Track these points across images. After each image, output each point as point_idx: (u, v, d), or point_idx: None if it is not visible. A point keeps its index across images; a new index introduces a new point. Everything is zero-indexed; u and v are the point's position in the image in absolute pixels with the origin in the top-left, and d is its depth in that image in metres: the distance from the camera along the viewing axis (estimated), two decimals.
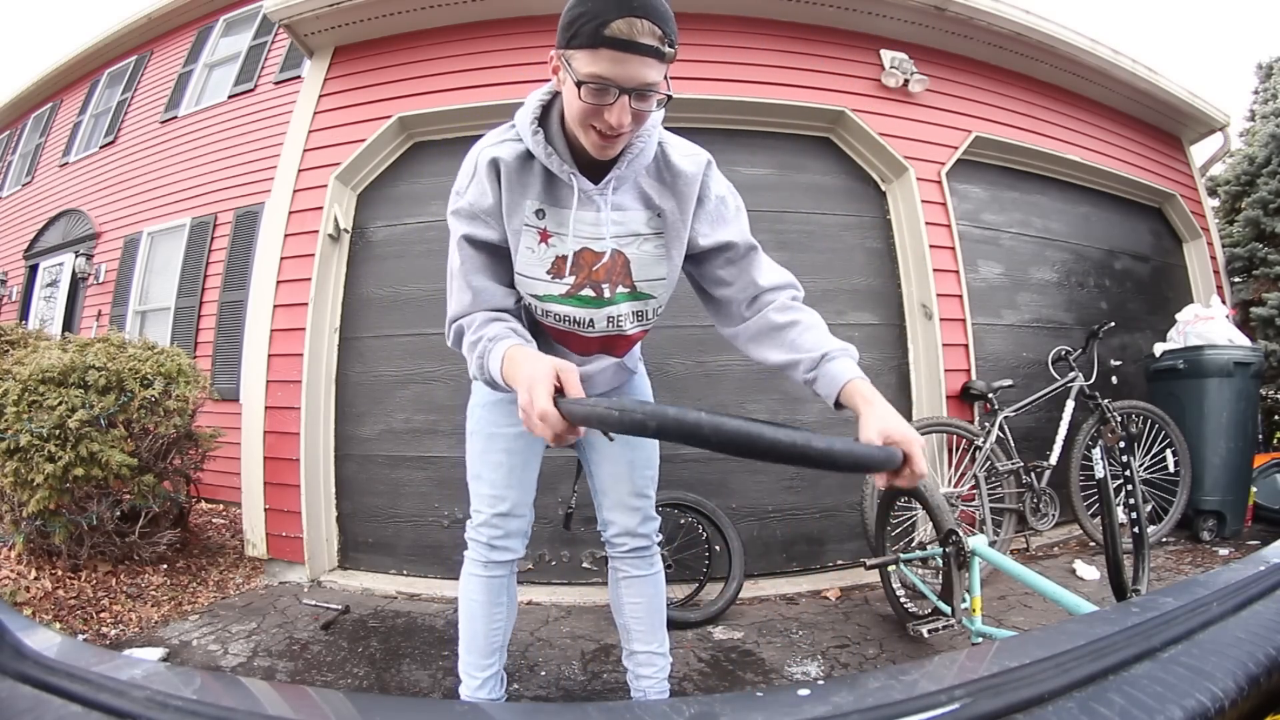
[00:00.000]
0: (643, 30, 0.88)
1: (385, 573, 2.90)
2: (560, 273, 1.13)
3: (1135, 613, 0.45)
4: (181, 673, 0.94)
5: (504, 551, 1.40)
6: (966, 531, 1.74)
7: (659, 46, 0.90)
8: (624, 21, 0.87)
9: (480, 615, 1.44)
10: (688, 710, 0.38)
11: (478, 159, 1.10)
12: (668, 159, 1.13)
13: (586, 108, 0.94)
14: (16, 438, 2.40)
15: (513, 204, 1.10)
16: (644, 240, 1.14)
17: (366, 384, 3.04)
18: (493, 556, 1.40)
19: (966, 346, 3.15)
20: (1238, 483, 3.14)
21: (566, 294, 1.15)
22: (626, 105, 0.93)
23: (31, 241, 6.93)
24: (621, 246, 1.13)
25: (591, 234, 1.11)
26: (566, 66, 0.94)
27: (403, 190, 3.19)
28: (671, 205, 1.14)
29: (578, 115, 0.97)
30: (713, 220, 1.16)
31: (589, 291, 1.15)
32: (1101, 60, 3.72)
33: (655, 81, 0.93)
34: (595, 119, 0.95)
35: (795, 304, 1.15)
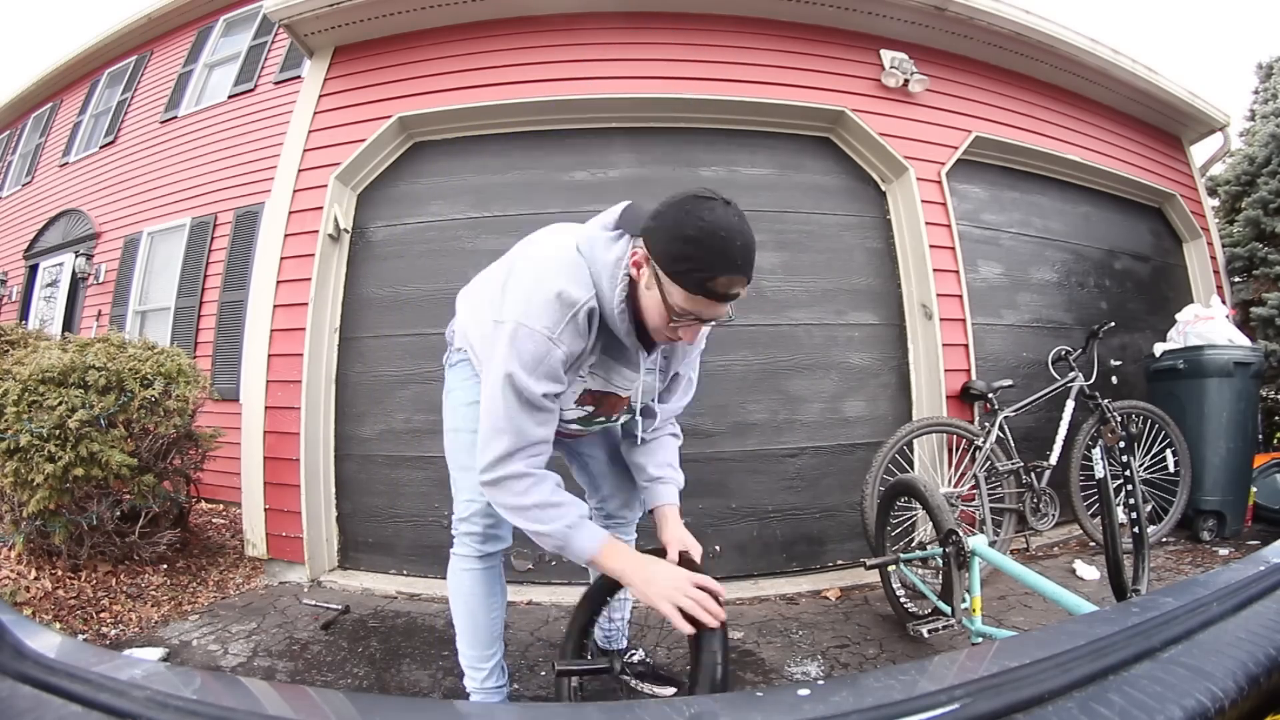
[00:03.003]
0: (737, 284, 1.03)
1: (385, 573, 2.90)
2: (584, 401, 1.29)
3: (1135, 613, 0.45)
4: (181, 673, 0.94)
5: (495, 541, 1.45)
6: (966, 531, 1.74)
7: (743, 293, 1.05)
8: (727, 278, 1.01)
9: (480, 608, 1.47)
10: (688, 710, 0.38)
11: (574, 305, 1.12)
12: None
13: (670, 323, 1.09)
14: (16, 438, 2.40)
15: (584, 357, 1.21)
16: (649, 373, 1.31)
17: (366, 384, 3.04)
18: (486, 548, 1.45)
19: (966, 346, 3.15)
20: (1238, 483, 3.14)
21: (584, 419, 1.33)
22: (700, 327, 1.12)
23: (31, 241, 6.93)
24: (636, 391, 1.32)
25: (625, 386, 1.30)
26: (658, 283, 1.06)
27: (403, 190, 3.19)
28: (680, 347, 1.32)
29: (658, 321, 1.11)
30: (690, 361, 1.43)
31: (601, 419, 1.37)
32: (1101, 60, 3.72)
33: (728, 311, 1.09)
34: (672, 331, 1.11)
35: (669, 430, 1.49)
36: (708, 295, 1.02)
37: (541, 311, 1.11)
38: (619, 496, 1.65)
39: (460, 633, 1.50)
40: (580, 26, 3.14)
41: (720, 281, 1.01)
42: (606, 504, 1.67)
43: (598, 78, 3.05)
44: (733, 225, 1.00)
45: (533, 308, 1.12)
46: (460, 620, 1.49)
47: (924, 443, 2.95)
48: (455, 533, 1.47)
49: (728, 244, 1.00)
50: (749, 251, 1.02)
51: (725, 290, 1.02)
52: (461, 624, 1.49)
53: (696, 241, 1.00)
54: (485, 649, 1.49)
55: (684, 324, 1.09)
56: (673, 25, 3.17)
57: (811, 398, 2.99)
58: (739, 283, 1.03)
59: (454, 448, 1.45)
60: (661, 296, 1.06)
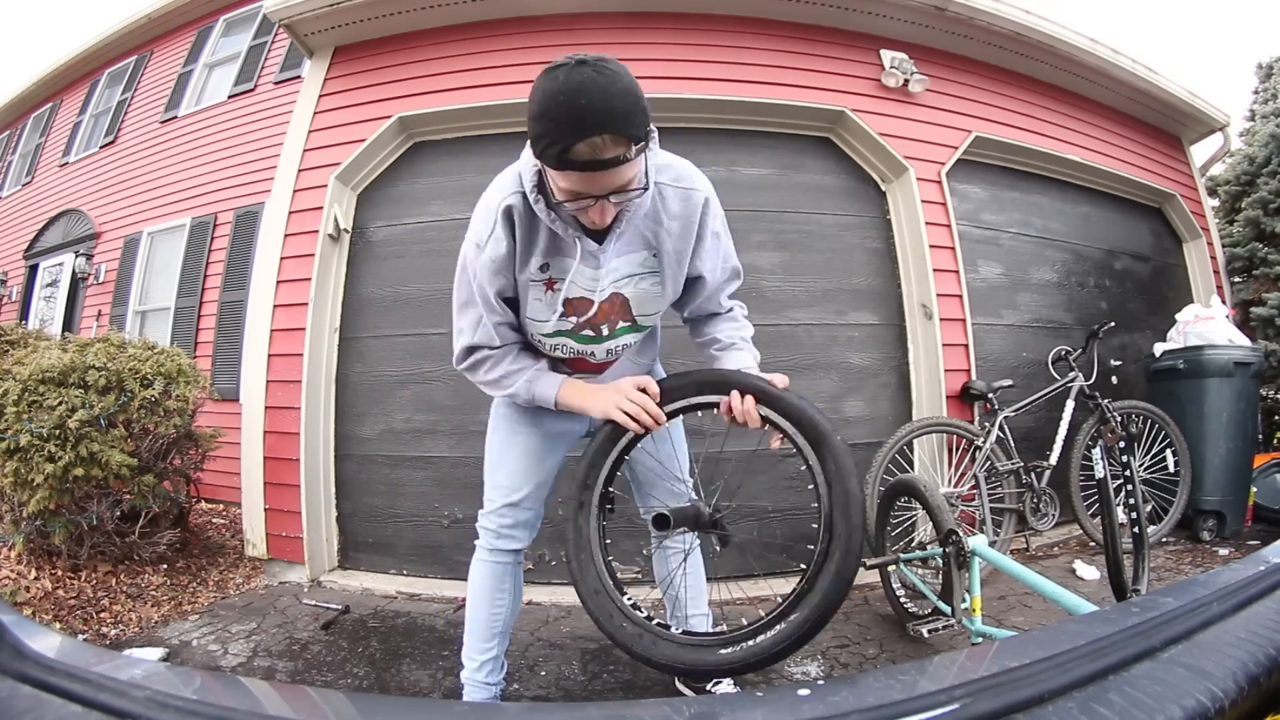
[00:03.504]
0: (605, 145, 0.90)
1: (385, 573, 2.90)
2: (567, 313, 1.24)
3: (1135, 613, 0.45)
4: (181, 673, 0.94)
5: (509, 540, 1.46)
6: (966, 531, 1.74)
7: (623, 154, 0.92)
8: (585, 144, 0.90)
9: (483, 600, 1.49)
10: (688, 710, 0.38)
11: (495, 208, 1.14)
12: (664, 200, 1.18)
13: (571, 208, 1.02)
14: (16, 438, 2.40)
15: (524, 255, 1.17)
16: (640, 279, 1.24)
17: (366, 384, 3.04)
18: (498, 544, 1.47)
19: (966, 346, 3.15)
20: (1238, 483, 3.14)
21: (572, 331, 1.27)
22: (606, 206, 1.01)
23: (31, 241, 6.93)
24: (619, 288, 1.23)
25: (591, 285, 1.21)
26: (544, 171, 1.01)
27: (403, 190, 3.19)
28: (669, 244, 1.21)
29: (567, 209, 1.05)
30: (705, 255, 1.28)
31: (589, 331, 1.28)
32: (1101, 60, 3.72)
33: (629, 179, 0.98)
34: (581, 216, 1.05)
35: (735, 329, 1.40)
36: (574, 167, 0.93)
37: (475, 225, 1.18)
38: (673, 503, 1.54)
39: (466, 622, 1.53)
40: (580, 26, 3.14)
41: (578, 150, 0.90)
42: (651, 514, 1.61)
43: None
44: (573, 84, 0.88)
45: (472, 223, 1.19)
46: (468, 610, 1.53)
47: (924, 443, 2.95)
48: (478, 525, 1.51)
49: (569, 106, 0.88)
50: (606, 107, 0.88)
51: (589, 156, 0.91)
52: (468, 613, 1.53)
53: (540, 117, 0.92)
54: (482, 641, 1.50)
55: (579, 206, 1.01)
56: (673, 25, 3.17)
57: (811, 398, 2.98)
58: (605, 144, 0.90)
59: (490, 445, 1.51)
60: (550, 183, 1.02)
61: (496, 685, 1.54)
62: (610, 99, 0.89)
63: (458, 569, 2.85)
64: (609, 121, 0.89)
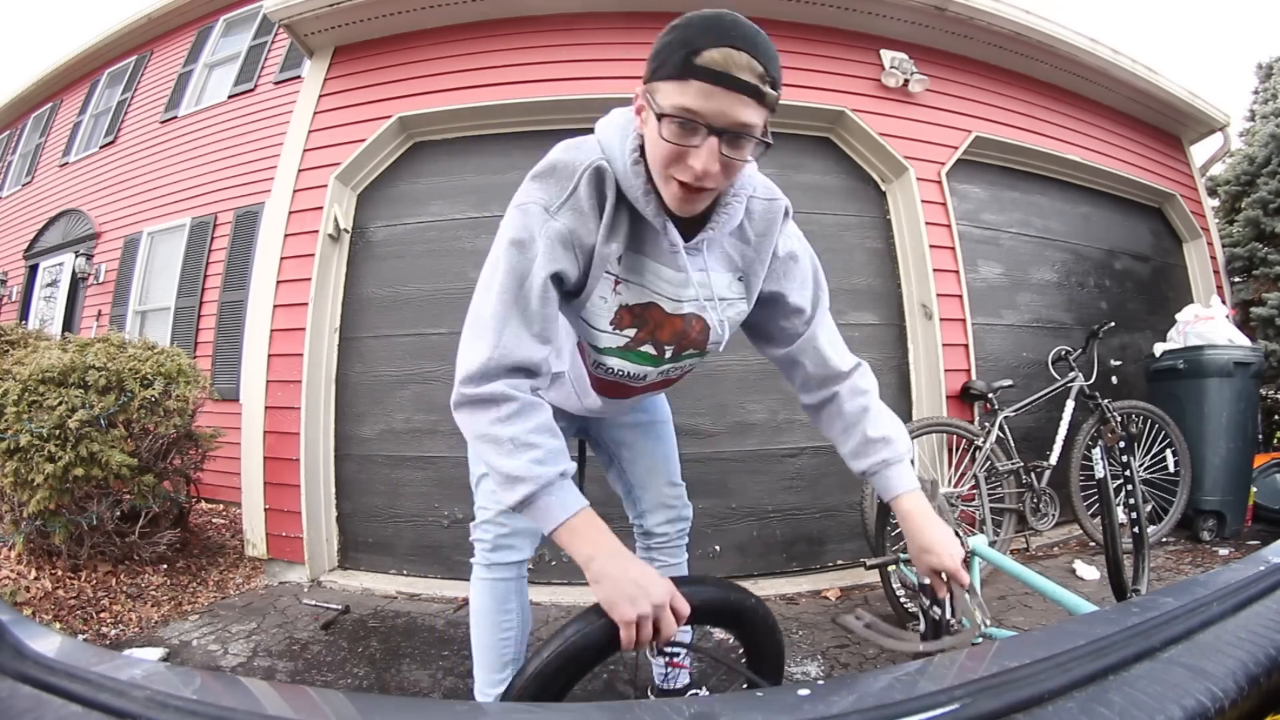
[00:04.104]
0: (741, 64, 0.76)
1: (385, 573, 2.90)
2: (621, 324, 0.99)
3: (1135, 613, 0.45)
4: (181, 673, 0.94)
5: (509, 551, 1.30)
6: (966, 531, 1.74)
7: (758, 85, 0.77)
8: (719, 51, 0.75)
9: (487, 625, 1.31)
10: (688, 710, 0.38)
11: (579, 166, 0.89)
12: (751, 216, 0.99)
13: (669, 150, 0.80)
14: (16, 438, 2.40)
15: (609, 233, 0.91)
16: (728, 306, 1.02)
17: (366, 384, 3.04)
18: (495, 558, 1.30)
19: (966, 346, 3.15)
20: (1238, 483, 3.14)
21: (626, 347, 1.03)
22: (715, 150, 0.79)
23: (31, 241, 6.93)
24: (704, 312, 1.02)
25: (670, 293, 0.98)
26: (650, 102, 0.81)
27: (403, 190, 3.19)
28: (752, 264, 1.03)
29: (660, 160, 0.83)
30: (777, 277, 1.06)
31: (649, 348, 1.04)
32: (1101, 60, 3.72)
33: (751, 124, 0.79)
34: (678, 165, 0.81)
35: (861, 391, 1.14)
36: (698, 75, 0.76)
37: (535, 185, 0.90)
38: (663, 511, 1.44)
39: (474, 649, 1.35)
40: (580, 26, 3.14)
41: (711, 55, 0.75)
42: (645, 519, 1.46)
43: (598, 78, 3.05)
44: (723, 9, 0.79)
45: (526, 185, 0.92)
46: (473, 635, 1.35)
47: (924, 443, 2.95)
48: (471, 538, 1.35)
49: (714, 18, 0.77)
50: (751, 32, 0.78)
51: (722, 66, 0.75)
52: (474, 640, 1.35)
53: (674, 28, 0.80)
54: (493, 672, 1.31)
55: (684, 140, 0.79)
56: None
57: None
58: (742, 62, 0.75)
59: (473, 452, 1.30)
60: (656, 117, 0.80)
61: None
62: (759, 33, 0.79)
63: (458, 569, 2.85)
64: (750, 43, 0.77)
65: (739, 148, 0.80)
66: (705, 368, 2.95)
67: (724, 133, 0.78)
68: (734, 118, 0.78)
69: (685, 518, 1.49)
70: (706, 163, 0.80)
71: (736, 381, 2.95)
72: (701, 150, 0.79)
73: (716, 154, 0.79)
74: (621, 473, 1.45)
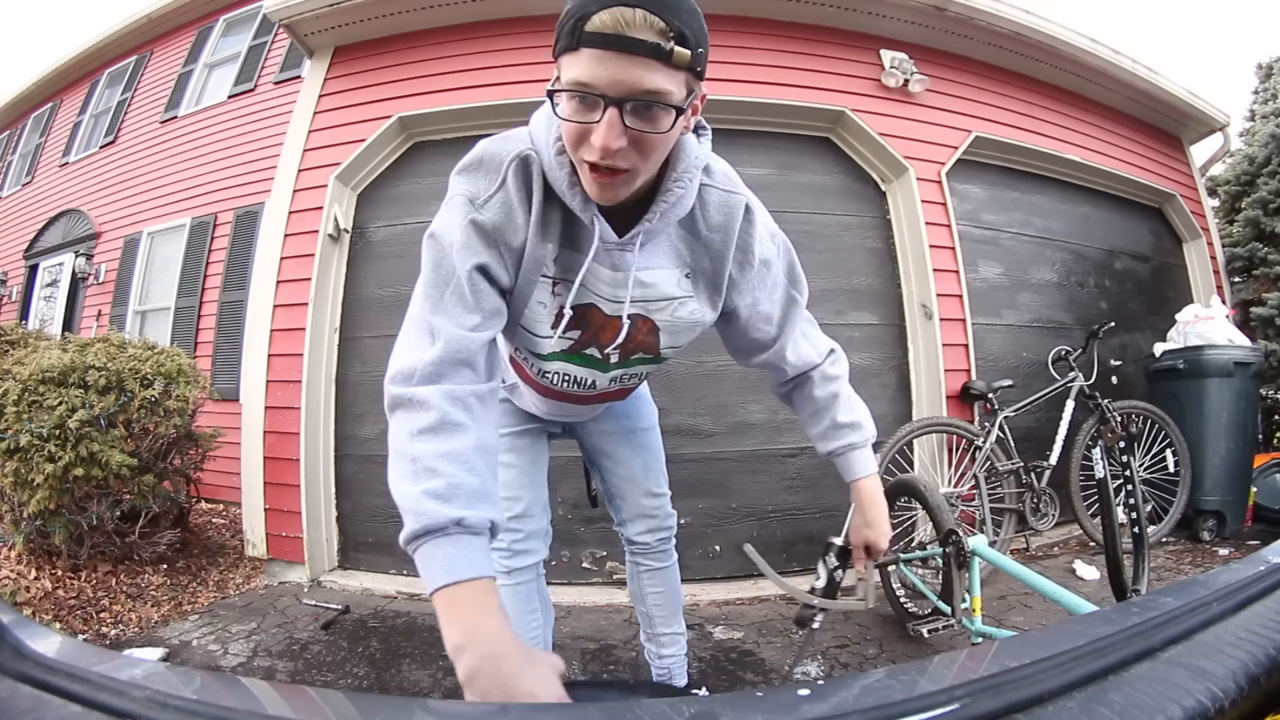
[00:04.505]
0: (634, 21, 0.66)
1: (385, 573, 2.90)
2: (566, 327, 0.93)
3: (1135, 613, 0.45)
4: (181, 673, 0.94)
5: (525, 555, 1.31)
6: (966, 531, 1.74)
7: (658, 42, 0.67)
8: (608, 13, 0.66)
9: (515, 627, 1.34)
10: (688, 710, 0.38)
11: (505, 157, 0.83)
12: (705, 206, 0.91)
13: (571, 130, 0.73)
14: (16, 438, 2.40)
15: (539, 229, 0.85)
16: (678, 305, 0.95)
17: (366, 384, 3.04)
18: (514, 563, 1.30)
19: (966, 346, 3.15)
20: (1238, 483, 3.14)
21: (570, 350, 0.97)
22: (617, 122, 0.70)
23: (31, 241, 6.93)
24: (650, 313, 0.95)
25: (608, 294, 0.91)
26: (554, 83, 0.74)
27: (403, 190, 3.19)
28: (705, 264, 0.94)
29: (568, 143, 0.76)
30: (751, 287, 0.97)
31: (593, 351, 0.98)
32: (1101, 60, 3.72)
33: (658, 90, 0.69)
34: (584, 146, 0.73)
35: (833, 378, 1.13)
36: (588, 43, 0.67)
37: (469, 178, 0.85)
38: (642, 521, 1.43)
39: None
40: None
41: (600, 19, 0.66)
42: (625, 528, 1.46)
43: None
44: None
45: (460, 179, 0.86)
46: None
47: (924, 443, 2.95)
48: None
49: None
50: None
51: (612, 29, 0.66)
52: None
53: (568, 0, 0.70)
54: None
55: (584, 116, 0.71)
56: None
57: None
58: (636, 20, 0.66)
59: None
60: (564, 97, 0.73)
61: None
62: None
63: None
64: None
65: (648, 119, 0.71)
66: (705, 368, 2.95)
67: (624, 102, 0.69)
68: (633, 84, 0.68)
69: (667, 527, 1.47)
70: (606, 137, 0.71)
71: (736, 381, 2.95)
72: (601, 124, 0.70)
73: (619, 127, 0.70)
74: (603, 480, 1.45)
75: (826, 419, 1.11)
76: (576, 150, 0.75)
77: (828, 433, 1.11)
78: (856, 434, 1.10)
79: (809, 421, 1.14)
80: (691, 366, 2.94)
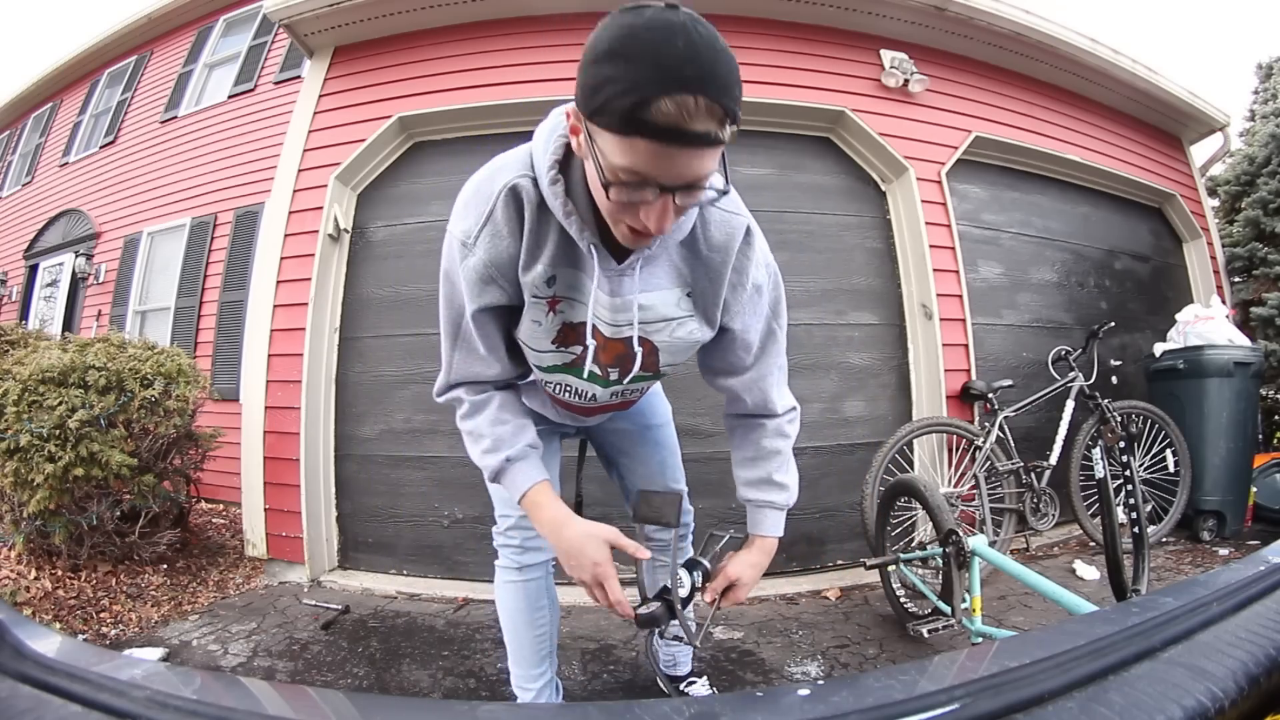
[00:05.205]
0: (697, 112, 0.63)
1: (385, 573, 2.90)
2: (566, 341, 0.97)
3: (1135, 613, 0.45)
4: (181, 673, 0.94)
5: (537, 553, 1.33)
6: (966, 531, 1.74)
7: (716, 133, 0.66)
8: (672, 101, 0.62)
9: (523, 623, 1.35)
10: (688, 710, 0.38)
11: (494, 191, 0.85)
12: (706, 226, 0.91)
13: (618, 205, 0.74)
14: (16, 438, 2.40)
15: (530, 257, 0.89)
16: (676, 325, 0.97)
17: (366, 384, 3.04)
18: (525, 560, 1.33)
19: (966, 346, 3.15)
20: (1238, 483, 3.14)
21: (571, 364, 1.02)
22: (669, 206, 0.71)
23: (31, 241, 6.93)
24: (649, 334, 0.97)
25: (607, 318, 0.94)
26: (590, 143, 0.71)
27: (403, 190, 3.19)
28: (704, 283, 0.95)
29: (607, 209, 0.77)
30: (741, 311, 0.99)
31: (593, 368, 1.01)
32: (1101, 60, 3.72)
33: (709, 173, 0.70)
34: (628, 214, 0.74)
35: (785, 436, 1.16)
36: (646, 133, 0.64)
37: (462, 214, 0.89)
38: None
39: (508, 650, 1.39)
40: (581, 26, 3.14)
41: (661, 108, 0.62)
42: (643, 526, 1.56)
43: None
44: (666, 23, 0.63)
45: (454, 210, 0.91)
46: (505, 636, 1.38)
47: (924, 443, 2.95)
48: (495, 544, 1.37)
49: (660, 48, 0.62)
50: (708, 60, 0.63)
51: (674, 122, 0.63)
52: (507, 640, 1.38)
53: (613, 55, 0.64)
54: (532, 668, 1.36)
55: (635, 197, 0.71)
56: None
57: (811, 398, 2.99)
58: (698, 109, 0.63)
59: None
60: (595, 161, 0.71)
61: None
62: (716, 54, 0.64)
63: (458, 569, 2.85)
64: (708, 81, 0.63)
65: (694, 196, 0.72)
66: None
67: (678, 189, 0.70)
68: (690, 176, 0.69)
69: (685, 523, 1.50)
70: (660, 222, 0.73)
71: None
72: (654, 207, 0.72)
73: (670, 210, 0.72)
74: (620, 478, 1.47)
75: (763, 469, 1.15)
76: (619, 213, 0.76)
77: (759, 483, 1.16)
78: (783, 495, 1.16)
79: (745, 463, 1.17)
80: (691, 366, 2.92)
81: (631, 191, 0.70)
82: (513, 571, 1.34)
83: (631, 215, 0.74)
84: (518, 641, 1.36)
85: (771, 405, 1.12)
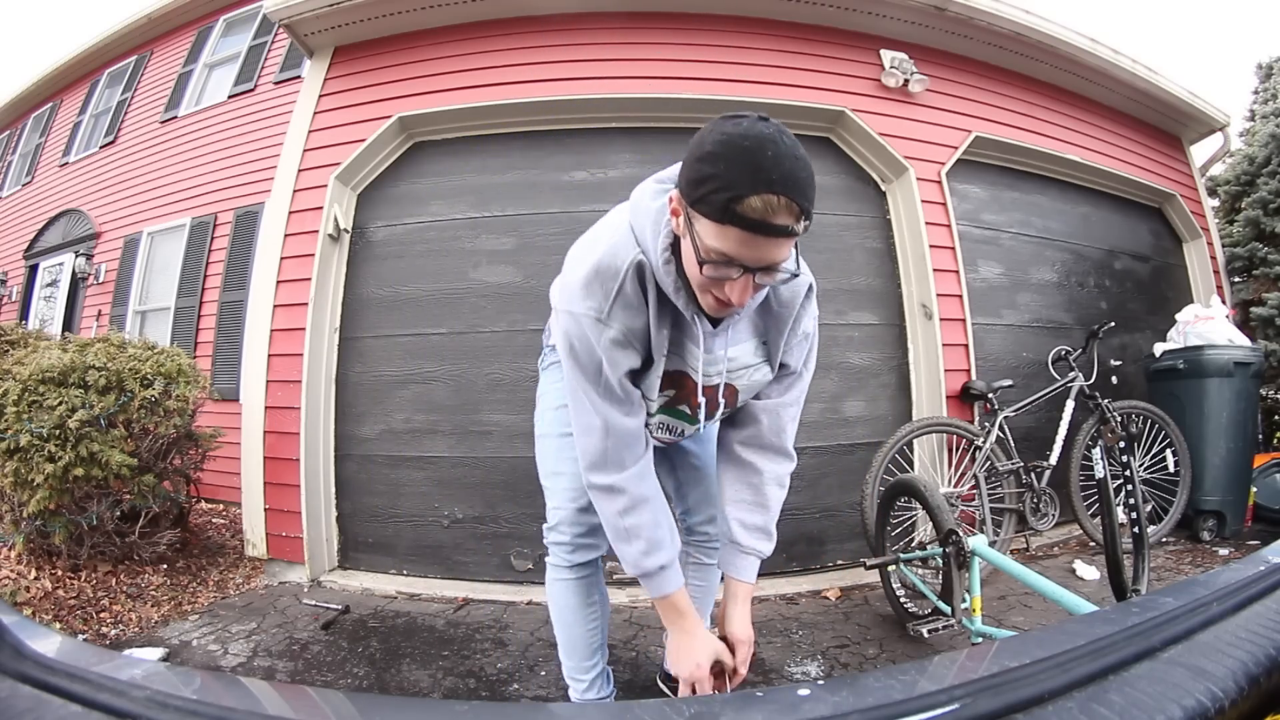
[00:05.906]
0: (779, 209, 0.79)
1: (385, 573, 2.90)
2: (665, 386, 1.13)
3: (1135, 613, 0.45)
4: (181, 673, 0.94)
5: (588, 550, 1.38)
6: (966, 531, 1.74)
7: (794, 227, 0.81)
8: (760, 199, 0.78)
9: (576, 620, 1.41)
10: (688, 710, 0.38)
11: (621, 266, 0.98)
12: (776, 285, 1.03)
13: (707, 277, 0.89)
14: (16, 438, 2.40)
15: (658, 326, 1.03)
16: (754, 370, 1.15)
17: (366, 384, 3.04)
18: (577, 558, 1.38)
19: (966, 346, 3.15)
20: (1238, 483, 3.14)
21: (667, 405, 1.17)
22: (750, 284, 0.88)
23: (31, 241, 6.93)
24: (733, 379, 1.14)
25: (703, 369, 1.10)
26: (689, 226, 0.87)
27: (403, 190, 3.19)
28: (774, 334, 1.13)
29: (697, 281, 0.92)
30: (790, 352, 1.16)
31: (685, 408, 1.18)
32: (1101, 60, 3.72)
33: (784, 259, 0.86)
34: (715, 289, 0.91)
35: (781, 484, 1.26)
36: (738, 224, 0.80)
37: (584, 293, 1.00)
38: (705, 511, 1.52)
39: (560, 644, 1.45)
40: (580, 26, 3.14)
41: (750, 204, 0.78)
42: (690, 516, 1.54)
43: (598, 78, 3.05)
44: (763, 134, 0.79)
45: (576, 290, 1.01)
46: (558, 631, 1.44)
47: (924, 443, 2.95)
48: (546, 541, 1.42)
49: (755, 154, 0.78)
50: (790, 168, 0.79)
51: (761, 216, 0.79)
52: (559, 635, 1.45)
53: (715, 157, 0.80)
54: (585, 660, 1.43)
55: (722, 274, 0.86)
56: (673, 25, 3.17)
57: (811, 398, 2.95)
58: (780, 207, 0.79)
59: (541, 454, 1.41)
60: (693, 241, 0.87)
61: (610, 697, 1.48)
62: (796, 162, 0.80)
63: (458, 569, 2.85)
64: (791, 184, 0.79)
65: (772, 276, 0.88)
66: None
67: (759, 270, 0.86)
68: (769, 260, 0.85)
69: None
70: (741, 296, 0.89)
71: None
72: (737, 284, 0.88)
73: (750, 288, 0.89)
74: (672, 468, 1.52)
75: (762, 518, 1.24)
76: (708, 285, 0.91)
77: (752, 530, 1.23)
78: (770, 546, 1.25)
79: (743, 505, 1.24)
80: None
81: (721, 269, 0.86)
82: (565, 570, 1.40)
83: (718, 288, 0.90)
84: (570, 635, 1.42)
85: (781, 442, 1.24)
